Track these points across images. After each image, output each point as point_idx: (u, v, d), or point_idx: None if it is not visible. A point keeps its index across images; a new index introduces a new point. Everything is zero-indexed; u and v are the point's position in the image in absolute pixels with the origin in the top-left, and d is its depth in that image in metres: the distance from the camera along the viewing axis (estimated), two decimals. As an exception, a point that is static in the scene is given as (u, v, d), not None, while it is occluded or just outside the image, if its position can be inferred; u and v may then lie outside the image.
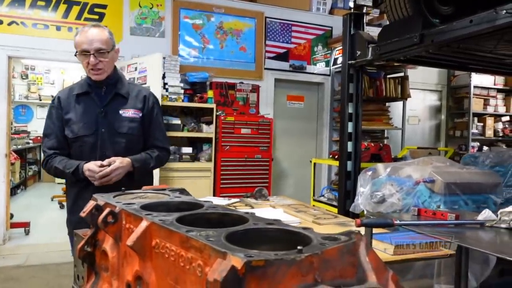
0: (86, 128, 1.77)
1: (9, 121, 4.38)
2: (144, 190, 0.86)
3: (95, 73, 1.76)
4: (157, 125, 1.94)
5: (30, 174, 8.45)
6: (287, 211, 2.24)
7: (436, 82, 6.33)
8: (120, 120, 1.81)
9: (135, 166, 1.77)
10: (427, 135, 6.40)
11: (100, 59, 1.73)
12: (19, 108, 9.13)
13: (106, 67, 1.77)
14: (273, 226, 0.53)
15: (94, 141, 1.78)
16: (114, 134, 1.79)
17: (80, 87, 1.85)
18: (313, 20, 5.41)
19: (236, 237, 0.50)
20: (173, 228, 0.51)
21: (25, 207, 6.13)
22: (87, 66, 1.74)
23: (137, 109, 1.85)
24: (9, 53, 4.23)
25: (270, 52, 5.22)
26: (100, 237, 0.69)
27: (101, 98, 1.81)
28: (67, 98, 1.83)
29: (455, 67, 3.35)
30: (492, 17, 1.82)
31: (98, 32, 1.75)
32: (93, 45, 1.71)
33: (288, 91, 5.48)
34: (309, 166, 4.59)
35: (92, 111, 1.79)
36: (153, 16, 4.66)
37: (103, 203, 0.68)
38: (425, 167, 2.44)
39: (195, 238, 0.47)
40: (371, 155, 3.59)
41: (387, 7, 2.54)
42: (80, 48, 1.73)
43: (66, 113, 1.80)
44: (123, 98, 1.85)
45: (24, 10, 4.21)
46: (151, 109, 1.91)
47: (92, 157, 1.75)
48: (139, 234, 0.54)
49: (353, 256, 0.47)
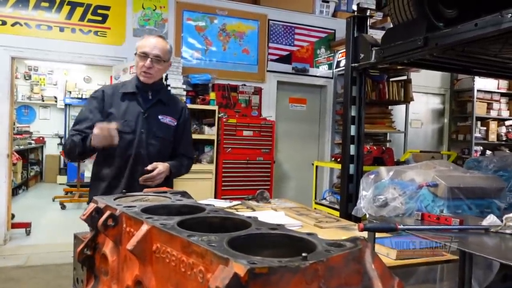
0: (127, 126, 1.87)
1: (11, 121, 4.39)
2: (145, 192, 0.85)
3: (145, 75, 1.89)
4: (187, 136, 2.12)
5: (32, 175, 8.46)
6: (288, 214, 2.22)
7: (439, 86, 6.31)
8: (159, 124, 1.94)
9: (172, 171, 1.92)
10: (430, 139, 6.38)
11: (155, 65, 1.88)
12: (22, 109, 9.15)
13: (156, 74, 1.92)
14: (276, 231, 0.52)
15: (132, 139, 1.88)
16: (151, 136, 1.91)
17: (127, 86, 1.97)
18: (316, 22, 5.41)
19: (238, 242, 0.49)
20: (174, 232, 0.50)
21: (26, 207, 6.13)
22: (141, 67, 1.88)
23: (174, 118, 2.00)
24: (12, 54, 4.24)
25: (273, 55, 5.21)
26: (100, 240, 0.68)
27: (146, 101, 1.94)
28: (112, 93, 1.94)
29: (459, 70, 3.33)
30: (497, 21, 1.81)
31: (162, 42, 1.93)
32: (153, 51, 1.87)
33: (291, 93, 5.47)
34: (310, 169, 4.57)
35: (135, 111, 1.91)
36: (156, 18, 4.67)
37: (103, 205, 0.67)
38: (428, 171, 2.42)
39: (197, 243, 0.46)
40: (374, 159, 3.57)
41: (391, 10, 2.53)
42: (141, 50, 1.89)
43: (108, 107, 1.89)
44: (164, 105, 1.99)
45: (27, 11, 4.22)
46: (185, 121, 2.08)
47: (127, 153, 1.87)
48: (140, 238, 0.53)
49: (359, 264, 0.46)
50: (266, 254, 0.48)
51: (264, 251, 0.49)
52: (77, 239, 0.74)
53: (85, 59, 4.50)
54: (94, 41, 4.44)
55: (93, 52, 4.44)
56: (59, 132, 9.32)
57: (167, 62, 1.97)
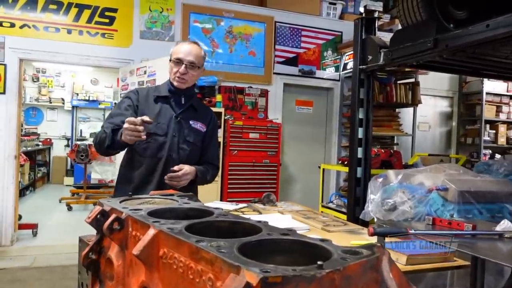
0: (159, 128, 1.89)
1: (19, 123, 4.41)
2: (152, 195, 0.83)
3: (179, 81, 1.92)
4: (214, 144, 2.15)
5: (39, 176, 8.51)
6: (295, 217, 2.20)
7: (447, 89, 6.25)
8: (190, 129, 1.96)
9: (198, 175, 1.92)
10: (438, 142, 6.31)
11: (189, 71, 1.91)
12: (30, 111, 9.22)
13: (190, 80, 1.95)
14: (288, 237, 0.50)
15: (163, 142, 1.89)
16: (182, 141, 1.93)
17: (160, 90, 2.00)
18: (323, 25, 5.39)
19: (249, 248, 0.46)
20: (182, 237, 0.48)
21: (33, 208, 6.16)
22: (174, 73, 1.91)
23: (204, 124, 2.02)
24: (21, 56, 4.27)
25: (280, 57, 5.20)
26: (105, 244, 0.66)
27: (178, 105, 1.97)
28: (145, 96, 1.97)
29: (469, 72, 3.29)
30: (509, 22, 1.77)
31: (196, 48, 1.95)
32: (187, 57, 1.89)
33: (297, 96, 5.45)
34: (317, 172, 4.54)
35: (167, 114, 1.93)
36: (163, 20, 4.67)
37: (109, 208, 0.65)
38: (437, 175, 2.38)
39: (206, 249, 0.43)
40: (381, 162, 3.53)
41: (399, 11, 2.50)
42: (176, 56, 1.91)
43: (142, 108, 1.91)
44: (195, 111, 2.02)
45: (36, 13, 4.25)
46: (214, 128, 2.11)
47: (158, 155, 1.88)
48: (146, 243, 0.51)
49: (376, 272, 0.43)
50: (279, 261, 0.45)
51: (276, 257, 0.47)
52: (82, 243, 0.72)
53: (92, 61, 4.52)
54: (101, 43, 4.45)
55: (100, 54, 4.45)
56: (66, 133, 9.38)
57: (201, 68, 1.99)
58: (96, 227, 0.65)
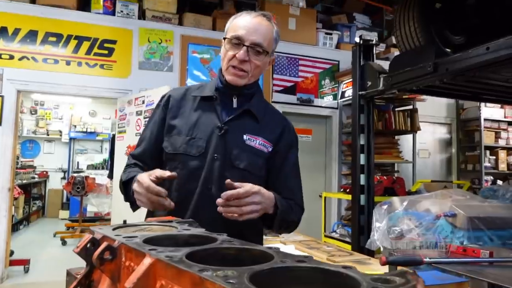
0: (193, 146, 1.24)
1: (14, 155, 4.34)
2: (148, 222, 0.76)
3: (235, 73, 1.26)
4: (293, 172, 1.38)
5: (34, 210, 8.33)
6: (298, 248, 2.11)
7: (445, 115, 6.26)
8: (241, 148, 1.26)
9: (278, 207, 1.17)
10: (439, 169, 6.26)
11: (252, 59, 1.24)
12: (27, 143, 9.17)
13: (252, 73, 1.27)
14: (305, 265, 0.43)
15: (198, 167, 1.23)
16: (228, 165, 1.24)
17: (205, 88, 1.36)
18: (320, 54, 5.45)
19: (261, 278, 0.40)
20: (182, 266, 0.41)
21: (26, 243, 5.98)
22: (229, 59, 1.26)
23: (267, 141, 1.30)
24: (18, 87, 4.26)
25: (278, 86, 5.22)
26: (95, 277, 0.59)
27: (227, 110, 1.29)
28: (180, 98, 1.34)
29: (468, 97, 3.28)
30: (510, 44, 1.77)
31: (267, 25, 1.28)
32: (252, 36, 1.23)
33: (296, 124, 5.35)
34: (317, 201, 4.44)
35: (208, 124, 1.27)
36: (162, 51, 4.72)
37: (100, 236, 0.59)
38: (444, 201, 2.31)
39: (212, 279, 0.37)
40: (384, 189, 3.46)
41: (398, 37, 2.52)
42: (234, 33, 1.25)
43: (172, 117, 1.30)
44: (254, 120, 1.30)
45: (35, 46, 4.28)
46: (289, 146, 1.36)
47: (188, 188, 1.22)
48: (141, 274, 0.44)
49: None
50: (297, 293, 0.39)
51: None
52: (70, 276, 0.64)
53: (90, 91, 4.52)
54: (99, 74, 4.47)
55: (99, 85, 4.46)
56: (63, 166, 9.29)
57: (270, 56, 1.31)
58: (85, 258, 0.58)
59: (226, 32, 1.29)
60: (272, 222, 1.20)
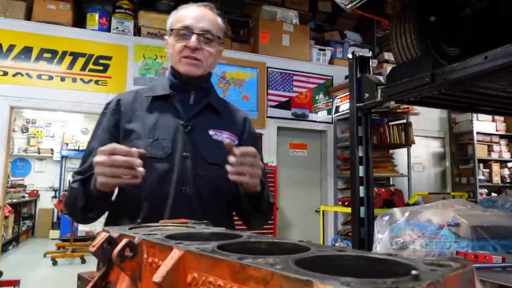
0: (158, 148, 1.16)
1: (6, 172, 4.25)
2: (162, 223, 0.73)
3: (189, 62, 1.21)
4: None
5: (24, 230, 8.13)
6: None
7: (438, 129, 6.32)
8: (210, 143, 1.21)
9: (264, 182, 1.15)
10: (433, 182, 6.27)
11: (204, 46, 1.21)
12: (17, 162, 9.02)
13: (206, 62, 1.23)
14: (346, 253, 0.41)
15: (168, 169, 1.14)
16: (200, 163, 1.17)
17: (157, 88, 1.29)
18: (313, 69, 5.51)
19: (305, 266, 0.37)
20: (218, 255, 0.38)
21: (16, 264, 5.80)
22: (181, 51, 1.21)
23: (232, 134, 1.27)
24: (12, 103, 4.21)
25: (272, 101, 5.24)
26: (112, 278, 0.56)
27: (187, 107, 1.24)
28: (132, 101, 1.25)
29: (464, 108, 3.31)
30: (508, 52, 1.79)
31: (212, 13, 1.27)
32: (200, 23, 1.21)
33: (291, 139, 5.43)
34: (314, 215, 4.41)
35: (170, 124, 1.20)
36: (157, 66, 4.72)
37: (117, 235, 0.55)
38: (446, 211, 2.29)
39: (256, 265, 0.34)
40: (383, 201, 3.44)
41: (394, 49, 2.54)
42: (180, 24, 1.21)
43: (127, 122, 1.21)
44: (216, 114, 1.27)
45: (29, 62, 4.26)
46: (253, 139, 1.34)
47: (160, 193, 1.12)
48: (170, 267, 0.41)
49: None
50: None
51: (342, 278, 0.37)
52: (82, 280, 0.61)
53: (84, 107, 4.48)
54: (94, 89, 4.44)
55: (93, 101, 4.42)
56: (54, 184, 9.13)
57: (220, 44, 1.29)
58: (101, 258, 0.55)
59: (171, 25, 1.25)
60: (260, 202, 1.15)
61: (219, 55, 1.30)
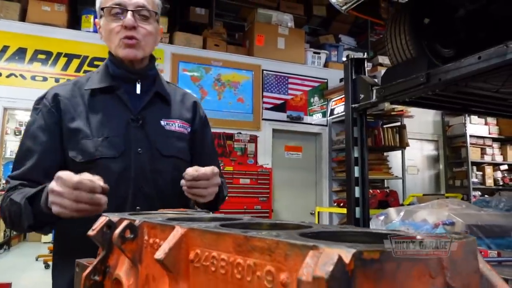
0: (110, 146, 1.06)
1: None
2: (161, 211, 0.73)
3: (127, 43, 1.09)
4: (212, 151, 1.32)
5: (15, 233, 8.03)
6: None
7: (431, 132, 6.37)
8: (164, 135, 1.14)
9: (222, 182, 1.13)
10: (427, 185, 6.31)
11: (141, 24, 1.10)
12: (9, 165, 8.92)
13: (145, 42, 1.11)
14: (349, 229, 0.41)
15: (123, 168, 1.06)
16: (156, 157, 1.11)
17: (97, 79, 1.14)
18: (308, 72, 5.53)
19: (309, 239, 0.37)
20: (222, 230, 0.38)
21: (7, 268, 5.72)
22: (116, 33, 1.09)
23: (184, 121, 1.21)
24: (5, 105, 4.18)
25: (268, 103, 5.25)
26: (111, 262, 0.55)
27: (134, 98, 1.14)
28: (71, 96, 1.11)
29: (457, 109, 3.34)
30: (501, 52, 1.81)
31: None
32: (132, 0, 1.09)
33: (286, 141, 5.44)
34: (308, 217, 4.41)
35: (119, 118, 1.10)
36: (152, 68, 4.71)
37: (117, 219, 0.55)
38: (440, 210, 2.31)
39: (260, 236, 0.34)
40: (379, 202, 3.45)
41: (389, 50, 2.56)
42: (111, 2, 1.09)
43: (70, 120, 1.08)
44: (164, 103, 1.19)
45: (23, 64, 4.23)
46: (204, 124, 1.28)
47: (117, 195, 1.02)
48: (173, 244, 0.41)
49: (476, 260, 0.35)
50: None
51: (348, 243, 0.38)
52: (80, 267, 0.60)
53: (79, 109, 4.45)
54: (89, 91, 4.42)
55: (88, 102, 4.40)
56: (47, 188, 9.04)
57: (157, 20, 1.17)
58: (101, 241, 0.54)
59: (101, 4, 1.12)
60: (216, 201, 1.13)
61: (159, 34, 1.19)
